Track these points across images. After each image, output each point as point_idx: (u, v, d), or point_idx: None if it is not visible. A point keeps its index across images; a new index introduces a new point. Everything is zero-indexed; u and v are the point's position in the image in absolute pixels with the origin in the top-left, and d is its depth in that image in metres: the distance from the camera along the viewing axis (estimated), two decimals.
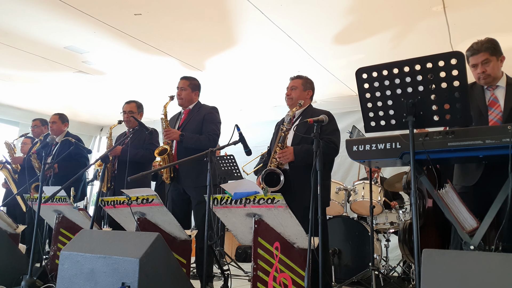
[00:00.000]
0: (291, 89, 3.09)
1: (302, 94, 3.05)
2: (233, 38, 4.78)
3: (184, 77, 3.59)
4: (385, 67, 1.98)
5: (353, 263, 4.10)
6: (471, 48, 2.42)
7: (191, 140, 3.29)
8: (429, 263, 1.37)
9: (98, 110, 7.79)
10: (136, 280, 2.07)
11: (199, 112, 3.47)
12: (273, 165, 2.85)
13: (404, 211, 4.51)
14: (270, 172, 2.81)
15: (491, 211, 1.89)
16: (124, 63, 5.63)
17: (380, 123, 2.09)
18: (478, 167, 2.29)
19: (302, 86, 3.07)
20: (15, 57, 5.48)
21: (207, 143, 3.29)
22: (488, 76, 2.36)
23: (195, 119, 3.43)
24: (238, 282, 3.87)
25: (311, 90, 3.10)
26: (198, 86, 3.61)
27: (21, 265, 3.14)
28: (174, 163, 3.13)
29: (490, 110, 2.38)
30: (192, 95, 3.53)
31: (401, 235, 3.15)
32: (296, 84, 3.09)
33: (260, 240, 2.36)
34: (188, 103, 3.53)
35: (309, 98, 3.09)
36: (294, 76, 3.16)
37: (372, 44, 4.75)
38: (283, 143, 2.83)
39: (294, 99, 3.05)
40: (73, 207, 3.29)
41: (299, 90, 3.06)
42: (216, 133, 3.40)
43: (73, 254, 2.36)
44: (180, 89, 3.51)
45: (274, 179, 2.79)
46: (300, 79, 3.11)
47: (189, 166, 3.22)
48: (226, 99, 6.87)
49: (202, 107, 3.52)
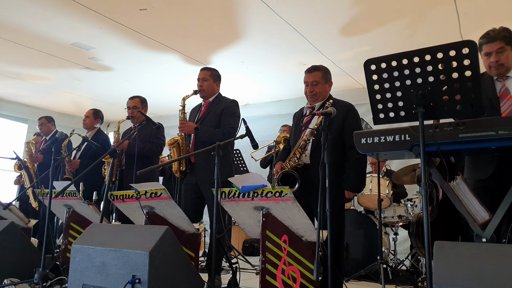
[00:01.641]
0: (313, 84, 2.87)
1: (324, 88, 2.89)
2: (238, 32, 4.76)
3: (205, 67, 3.53)
4: (394, 57, 1.95)
5: (360, 256, 4.09)
6: (487, 35, 2.36)
7: (206, 134, 3.26)
8: (441, 256, 1.35)
9: (105, 106, 7.82)
10: (146, 273, 2.08)
11: (219, 105, 3.42)
12: (289, 165, 2.81)
13: (412, 204, 4.49)
14: (287, 173, 2.78)
15: (504, 203, 1.86)
16: (130, 59, 5.64)
17: (389, 115, 2.07)
18: (492, 160, 2.24)
19: (323, 79, 2.89)
20: (23, 55, 5.52)
21: (222, 136, 3.22)
22: (501, 66, 2.32)
23: (215, 112, 3.38)
24: (246, 276, 3.88)
25: (331, 80, 2.96)
26: (219, 76, 3.55)
27: (34, 259, 3.18)
28: (184, 156, 3.12)
29: (502, 102, 2.33)
30: (214, 86, 3.48)
31: (413, 228, 3.13)
32: (316, 78, 2.87)
33: (268, 233, 2.36)
34: (210, 94, 3.47)
35: (330, 89, 2.97)
36: (311, 69, 2.93)
37: (379, 35, 4.70)
38: (303, 149, 2.78)
39: (318, 95, 2.88)
40: (83, 202, 3.31)
41: (321, 85, 2.88)
42: (232, 126, 3.32)
43: (84, 248, 2.39)
44: (202, 80, 3.44)
45: (290, 181, 2.76)
46: (318, 71, 2.90)
47: (204, 160, 3.19)
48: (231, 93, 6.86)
49: (222, 100, 3.47)
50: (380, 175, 3.90)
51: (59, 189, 3.17)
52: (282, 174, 2.79)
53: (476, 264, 1.33)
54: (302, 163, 2.80)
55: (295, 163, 2.80)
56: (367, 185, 4.35)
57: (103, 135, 4.71)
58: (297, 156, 2.80)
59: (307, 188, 2.71)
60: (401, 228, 4.59)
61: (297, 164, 2.79)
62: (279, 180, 2.77)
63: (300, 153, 2.79)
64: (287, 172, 2.78)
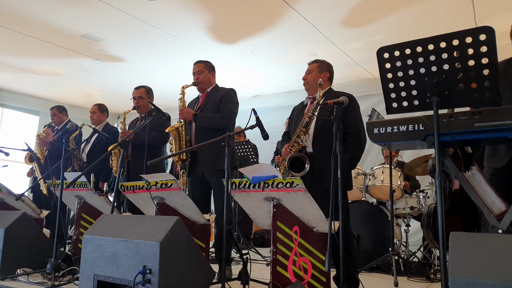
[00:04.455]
0: (307, 73, 3.04)
1: (318, 77, 2.98)
2: (247, 23, 4.72)
3: (199, 61, 3.56)
4: (408, 45, 1.91)
5: (372, 248, 4.07)
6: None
7: (205, 119, 3.28)
8: (457, 246, 1.32)
9: (114, 97, 7.86)
10: (157, 263, 2.09)
11: (217, 94, 3.44)
12: (294, 149, 2.80)
13: (424, 195, 4.44)
14: (296, 157, 2.77)
15: None
16: (140, 50, 5.63)
17: (403, 104, 2.03)
18: (509, 149, 2.19)
19: (318, 69, 3.01)
20: (34, 47, 5.55)
21: (221, 121, 3.27)
22: None
23: (213, 100, 3.41)
24: (256, 266, 3.88)
25: (328, 72, 3.02)
26: (213, 67, 3.58)
27: (46, 249, 3.22)
28: (193, 147, 3.11)
29: None
30: (209, 76, 3.51)
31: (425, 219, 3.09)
32: (311, 68, 3.03)
33: (279, 224, 2.35)
34: (207, 85, 3.49)
35: (326, 80, 3.01)
36: (310, 62, 3.11)
37: (391, 24, 4.62)
38: (307, 127, 2.77)
39: (310, 83, 2.99)
40: (94, 193, 3.33)
41: (314, 73, 3.00)
42: (231, 111, 3.35)
43: (95, 238, 2.40)
44: (197, 73, 3.47)
45: (298, 165, 2.75)
46: (316, 62, 3.06)
47: (206, 149, 3.21)
48: (240, 84, 6.83)
49: (220, 89, 3.49)
50: (392, 166, 3.86)
51: (70, 180, 3.19)
52: (290, 159, 2.77)
53: (493, 255, 1.30)
54: (305, 146, 2.80)
55: (299, 145, 2.80)
56: (379, 176, 4.31)
57: (112, 127, 4.73)
58: (300, 138, 2.80)
59: (309, 176, 2.69)
60: (413, 219, 4.54)
61: (301, 147, 2.79)
62: (288, 165, 2.76)
63: (303, 132, 2.78)
64: (295, 156, 2.76)
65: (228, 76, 6.36)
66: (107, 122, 4.76)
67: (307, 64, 3.12)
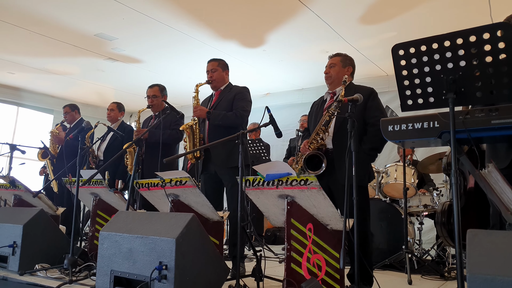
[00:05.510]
0: (330, 67, 2.94)
1: (342, 71, 2.91)
2: (259, 20, 4.72)
3: (212, 59, 3.57)
4: (423, 42, 1.89)
5: (385, 246, 4.05)
6: None
7: (218, 117, 3.30)
8: (475, 244, 1.32)
9: (127, 96, 7.94)
10: (172, 259, 2.11)
11: (230, 92, 3.46)
12: (313, 146, 2.79)
13: (438, 193, 4.40)
14: (313, 155, 2.76)
15: None
16: (153, 49, 5.68)
17: (418, 101, 2.01)
18: (509, 150, 2.17)
19: (341, 63, 2.93)
20: (48, 46, 5.63)
21: (235, 119, 3.29)
22: None
23: (226, 98, 3.42)
24: (269, 264, 3.90)
25: (351, 66, 2.96)
26: (227, 65, 3.59)
27: (63, 245, 3.27)
28: (206, 146, 3.14)
29: None
30: (223, 75, 3.52)
31: (439, 217, 3.07)
32: (334, 61, 2.94)
33: (293, 222, 2.36)
34: (220, 83, 3.51)
35: (349, 74, 2.96)
36: (332, 54, 3.02)
37: (404, 21, 4.59)
38: (326, 126, 2.75)
39: (333, 77, 2.92)
40: (109, 190, 3.38)
41: (338, 67, 2.91)
42: (245, 109, 3.36)
43: (112, 234, 2.44)
44: (211, 71, 3.49)
45: (315, 163, 2.74)
46: (338, 56, 2.98)
47: (219, 147, 3.23)
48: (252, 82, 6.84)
49: (233, 88, 3.51)
50: (406, 164, 3.84)
51: (85, 177, 3.24)
52: (307, 157, 2.76)
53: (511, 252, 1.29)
54: (325, 144, 2.78)
55: (318, 143, 2.77)
56: (392, 174, 4.29)
57: (128, 126, 4.79)
58: (320, 136, 2.77)
59: (329, 173, 2.68)
60: (426, 217, 4.51)
61: (320, 145, 2.77)
62: (304, 163, 2.75)
63: (323, 131, 2.75)
64: (312, 154, 2.75)
65: (240, 74, 6.38)
66: (122, 121, 4.83)
67: (328, 58, 3.03)
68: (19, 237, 3.09)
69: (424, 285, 3.13)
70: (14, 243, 3.10)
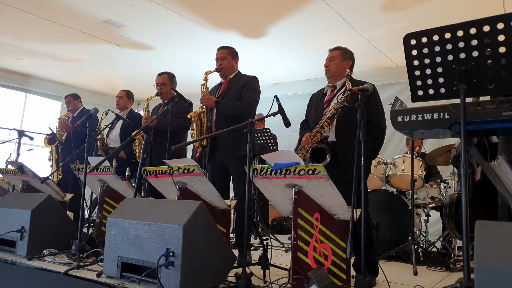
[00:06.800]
0: (329, 60, 2.97)
1: (341, 65, 2.93)
2: (269, 9, 4.68)
3: (222, 46, 3.55)
4: (436, 32, 1.87)
5: (391, 237, 4.05)
6: None
7: (227, 107, 3.29)
8: (483, 235, 1.31)
9: (135, 84, 7.94)
10: (180, 246, 2.13)
11: (239, 81, 3.44)
12: (316, 138, 2.79)
13: (445, 185, 4.38)
14: (317, 148, 2.76)
15: None
16: (161, 36, 5.66)
17: (428, 92, 2.00)
18: None
19: (341, 56, 2.95)
20: (57, 32, 5.63)
21: (243, 109, 3.28)
22: None
23: (235, 87, 3.41)
24: (275, 253, 3.91)
25: (350, 60, 2.98)
26: (237, 53, 3.57)
27: (71, 231, 3.31)
28: (214, 134, 3.14)
29: None
30: (232, 63, 3.50)
31: (446, 209, 3.06)
32: (334, 55, 2.97)
33: (300, 211, 2.36)
34: (230, 71, 3.49)
35: (349, 68, 2.97)
36: (332, 48, 3.05)
37: (416, 11, 4.52)
38: (332, 119, 2.75)
39: (332, 71, 2.94)
40: (116, 177, 3.40)
41: (337, 61, 2.94)
42: (253, 99, 3.35)
43: (119, 221, 2.46)
44: (221, 59, 3.47)
45: (319, 155, 2.74)
46: (338, 49, 3.00)
47: (226, 136, 3.23)
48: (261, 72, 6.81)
49: (242, 77, 3.49)
50: (414, 156, 3.82)
51: (93, 164, 3.26)
52: (312, 150, 2.76)
53: None
54: (328, 136, 2.78)
55: (322, 135, 2.78)
56: (400, 166, 4.27)
57: (137, 114, 4.80)
58: (324, 129, 2.77)
59: (333, 165, 2.68)
60: (432, 209, 4.50)
61: (322, 137, 2.77)
62: (310, 155, 2.75)
63: (328, 124, 2.76)
64: (316, 146, 2.75)
65: (249, 63, 6.35)
66: (131, 109, 4.83)
67: (328, 51, 3.06)
68: (27, 222, 3.13)
69: (429, 276, 3.13)
70: (22, 228, 3.13)
